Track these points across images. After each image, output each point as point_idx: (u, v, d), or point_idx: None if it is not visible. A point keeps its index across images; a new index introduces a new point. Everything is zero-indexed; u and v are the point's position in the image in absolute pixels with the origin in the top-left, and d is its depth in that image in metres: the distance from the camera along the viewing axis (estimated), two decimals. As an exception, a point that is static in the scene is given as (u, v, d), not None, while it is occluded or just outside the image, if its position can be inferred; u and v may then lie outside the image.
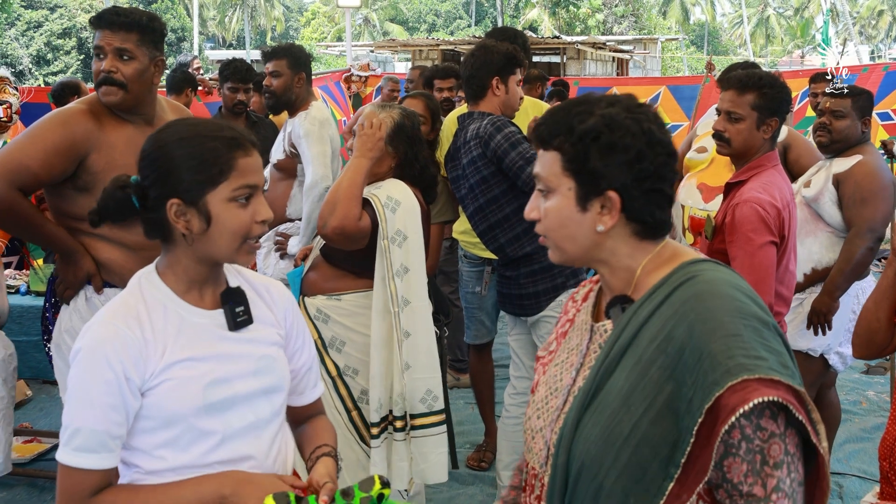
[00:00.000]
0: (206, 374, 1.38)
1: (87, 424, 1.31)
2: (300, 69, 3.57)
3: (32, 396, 4.38)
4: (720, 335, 1.08)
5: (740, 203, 2.37)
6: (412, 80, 5.84)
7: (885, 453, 1.96)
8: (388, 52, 16.62)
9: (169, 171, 1.35)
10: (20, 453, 3.61)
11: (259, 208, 1.39)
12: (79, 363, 1.34)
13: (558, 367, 1.32)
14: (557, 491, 1.18)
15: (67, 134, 2.33)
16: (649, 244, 1.23)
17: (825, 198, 3.03)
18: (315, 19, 42.23)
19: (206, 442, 1.39)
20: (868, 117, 3.06)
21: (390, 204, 2.53)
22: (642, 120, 1.19)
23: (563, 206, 1.21)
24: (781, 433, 1.08)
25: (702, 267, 1.19)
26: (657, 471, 1.08)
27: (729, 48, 45.12)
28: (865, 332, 2.05)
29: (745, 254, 2.32)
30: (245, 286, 1.50)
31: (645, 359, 1.13)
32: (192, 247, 1.38)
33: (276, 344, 1.50)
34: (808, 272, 3.07)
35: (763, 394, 1.04)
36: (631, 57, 16.11)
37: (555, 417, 1.26)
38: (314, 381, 1.64)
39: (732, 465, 1.07)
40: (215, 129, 1.38)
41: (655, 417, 1.09)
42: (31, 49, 29.49)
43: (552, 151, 1.22)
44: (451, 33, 37.61)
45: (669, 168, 1.20)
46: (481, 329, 3.68)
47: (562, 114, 1.22)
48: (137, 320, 1.36)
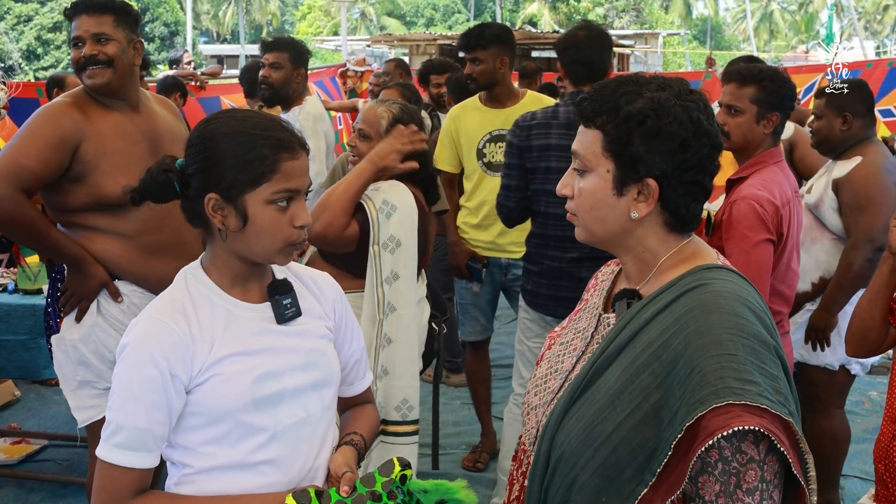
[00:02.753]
0: (255, 368, 1.36)
1: (129, 422, 1.30)
2: (301, 65, 3.55)
3: (21, 397, 4.33)
4: (715, 353, 1.05)
5: (738, 200, 2.33)
6: (388, 72, 5.75)
7: (879, 455, 1.94)
8: (385, 46, 16.56)
9: (212, 164, 1.33)
10: (8, 454, 3.58)
11: (298, 212, 1.36)
12: (125, 359, 1.32)
13: (562, 347, 1.32)
14: (538, 476, 1.18)
15: (56, 128, 2.32)
16: (676, 238, 1.21)
17: (825, 204, 2.94)
18: (311, 13, 42.18)
19: (255, 438, 1.36)
20: (848, 113, 2.91)
21: (385, 209, 2.47)
22: (692, 108, 1.15)
23: (599, 187, 1.18)
24: (760, 460, 1.04)
25: (714, 275, 1.15)
26: (632, 475, 1.06)
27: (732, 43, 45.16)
28: (859, 331, 2.05)
29: (741, 251, 2.28)
30: (292, 278, 1.48)
31: (639, 362, 1.11)
32: (228, 243, 1.37)
33: (324, 337, 1.48)
34: (816, 281, 2.99)
35: (745, 422, 1.00)
36: (632, 52, 16.06)
37: (549, 400, 1.26)
38: (363, 372, 1.64)
39: (706, 483, 1.05)
40: (265, 128, 1.35)
41: (639, 422, 1.07)
42: (22, 43, 29.37)
43: (594, 129, 1.18)
44: (449, 28, 37.52)
45: (712, 161, 1.17)
46: (476, 326, 3.63)
47: (609, 92, 1.17)
48: (184, 315, 1.34)
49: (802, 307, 3.02)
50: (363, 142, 2.57)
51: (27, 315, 3.46)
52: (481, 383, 3.71)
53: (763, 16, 42.66)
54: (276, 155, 1.33)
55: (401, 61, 5.99)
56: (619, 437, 1.08)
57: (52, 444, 3.70)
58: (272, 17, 40.49)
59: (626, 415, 1.08)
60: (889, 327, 2.02)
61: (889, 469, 1.92)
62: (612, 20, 36.69)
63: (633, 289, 1.21)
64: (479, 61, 3.37)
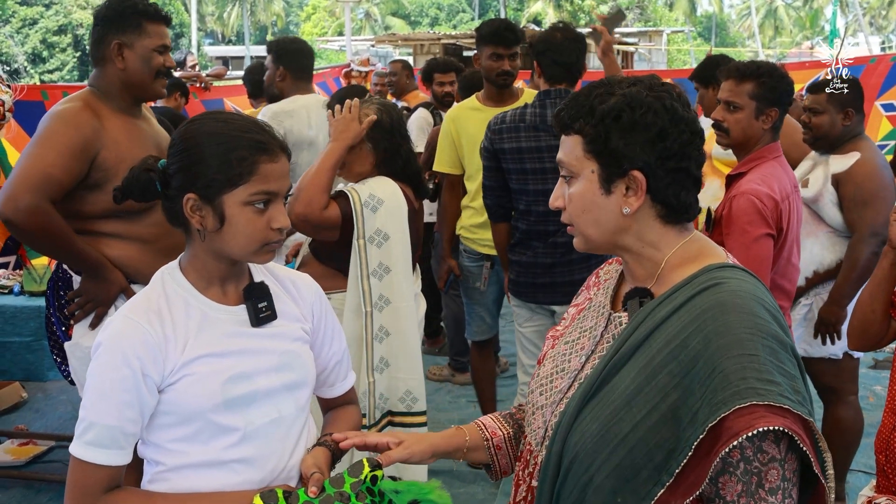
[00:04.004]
0: (226, 369, 1.37)
1: (101, 419, 1.32)
2: (279, 63, 3.55)
3: (28, 399, 4.35)
4: (736, 353, 1.05)
5: (737, 195, 2.34)
6: (395, 72, 5.79)
7: (880, 446, 1.95)
8: (389, 46, 16.57)
9: (192, 164, 1.35)
10: (16, 456, 3.59)
11: (276, 215, 1.37)
12: (98, 357, 1.34)
13: (568, 346, 1.30)
14: (550, 476, 1.17)
15: (78, 134, 2.31)
16: (675, 232, 1.20)
17: (825, 199, 2.95)
18: (315, 14, 42.22)
19: (226, 438, 1.38)
20: (850, 109, 2.94)
21: (371, 203, 2.47)
22: (664, 97, 1.16)
23: (587, 189, 1.18)
24: (781, 458, 1.05)
25: (728, 274, 1.15)
26: (649, 475, 1.06)
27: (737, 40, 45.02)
28: (860, 324, 2.05)
29: (741, 246, 2.29)
30: (270, 280, 1.49)
31: (656, 361, 1.10)
32: (206, 243, 1.38)
33: (300, 339, 1.49)
34: (811, 275, 3.01)
35: (770, 422, 1.01)
36: (636, 49, 16.03)
37: (558, 399, 1.24)
38: (344, 373, 1.64)
39: (728, 483, 1.05)
40: (245, 130, 1.36)
41: (656, 423, 1.07)
42: (27, 47, 29.47)
43: (573, 135, 1.19)
44: (454, 27, 37.53)
45: (695, 147, 1.17)
46: (482, 325, 3.64)
47: (582, 97, 1.19)
48: (158, 316, 1.36)
49: (797, 302, 3.03)
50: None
51: (33, 317, 3.49)
52: (487, 381, 3.71)
53: (768, 12, 42.50)
54: (254, 157, 1.34)
55: (405, 62, 6.07)
56: (635, 437, 1.07)
57: (59, 445, 3.72)
58: (277, 18, 40.56)
59: (643, 415, 1.08)
60: (890, 321, 2.03)
61: (890, 460, 1.92)
62: (617, 18, 36.54)
63: (646, 287, 1.21)
64: (517, 57, 3.41)
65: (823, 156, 3.04)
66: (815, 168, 3.05)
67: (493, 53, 3.37)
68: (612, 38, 3.55)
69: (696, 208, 1.21)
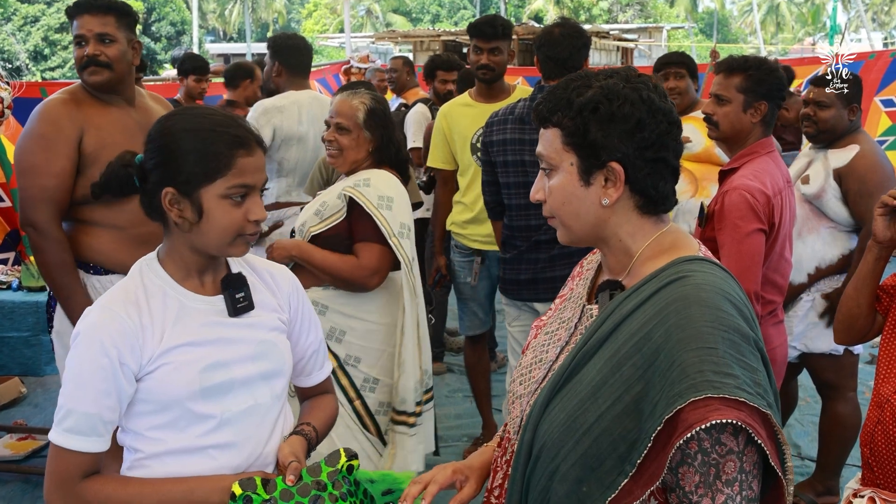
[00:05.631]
0: (203, 358, 1.39)
1: (79, 407, 1.34)
2: (276, 58, 3.56)
3: (27, 393, 4.38)
4: (695, 346, 1.06)
5: (729, 190, 2.35)
6: (395, 69, 5.80)
7: (865, 439, 1.96)
8: (389, 43, 16.57)
9: (169, 159, 1.37)
10: (15, 450, 3.62)
11: (253, 208, 1.40)
12: (76, 346, 1.36)
13: (547, 337, 1.33)
14: (521, 464, 1.20)
15: (55, 126, 2.39)
16: (651, 223, 1.21)
17: (828, 194, 2.96)
18: (317, 11, 42.19)
19: (203, 425, 1.41)
20: (855, 104, 2.98)
21: (384, 203, 2.49)
22: (641, 89, 1.16)
23: (567, 181, 1.19)
24: (739, 451, 1.06)
25: (695, 267, 1.15)
26: (613, 465, 1.08)
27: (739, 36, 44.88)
28: (846, 318, 2.06)
29: (733, 241, 2.30)
30: (248, 272, 1.52)
31: (621, 353, 1.11)
32: (185, 236, 1.40)
33: (276, 329, 1.51)
34: (813, 272, 3.01)
35: (723, 415, 1.02)
36: (635, 46, 16.01)
37: (533, 389, 1.27)
38: (321, 363, 1.67)
39: (686, 474, 1.07)
40: (222, 125, 1.39)
41: (620, 414, 1.08)
42: (29, 44, 29.52)
43: (552, 128, 1.20)
44: (455, 24, 37.47)
45: (672, 137, 1.18)
46: (475, 320, 3.65)
47: (560, 90, 1.21)
48: (136, 306, 1.38)
49: (799, 299, 3.03)
50: (342, 135, 2.56)
51: (30, 312, 3.52)
52: (481, 376, 3.72)
53: (770, 8, 42.36)
54: (231, 151, 1.36)
55: (406, 59, 6.07)
56: (600, 427, 1.09)
57: (57, 439, 3.75)
58: (278, 16, 40.52)
59: (607, 406, 1.09)
60: (876, 314, 2.03)
61: (874, 453, 1.93)
62: (617, 14, 36.55)
63: (617, 280, 1.22)
64: (500, 52, 3.40)
65: (821, 151, 3.05)
66: (813, 164, 3.05)
67: (475, 47, 3.39)
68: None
69: (673, 199, 1.22)
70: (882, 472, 1.92)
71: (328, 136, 2.58)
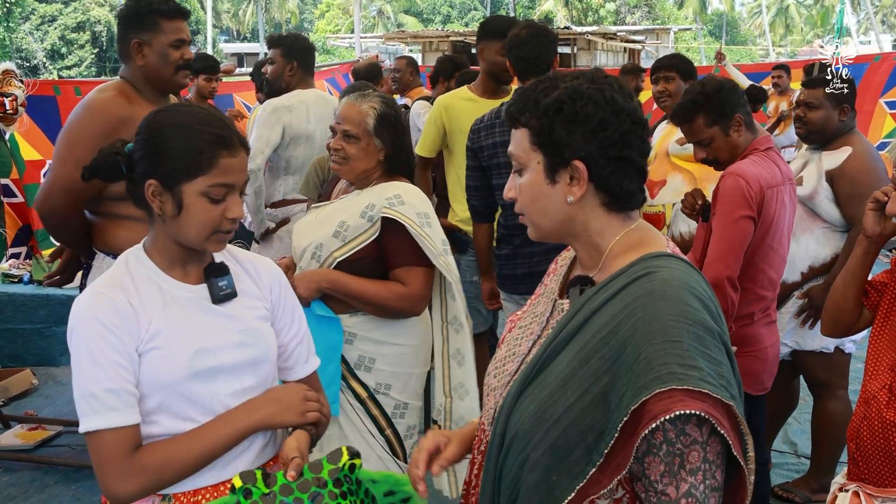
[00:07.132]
0: (192, 344, 1.43)
1: (100, 386, 1.35)
2: (292, 58, 3.62)
3: (38, 385, 4.46)
4: (660, 339, 1.08)
5: (727, 175, 2.41)
6: (399, 69, 5.83)
7: (851, 435, 1.98)
8: (399, 43, 16.63)
9: (154, 152, 1.41)
10: (25, 440, 3.70)
11: (232, 206, 1.44)
12: (76, 335, 1.38)
13: (521, 331, 1.36)
14: (494, 454, 1.22)
15: (105, 120, 2.47)
16: (619, 220, 1.24)
17: (821, 196, 2.97)
18: (329, 11, 42.31)
19: (193, 408, 1.44)
20: (846, 105, 2.98)
21: (424, 221, 2.29)
22: (605, 89, 1.19)
23: (534, 180, 1.23)
24: (703, 441, 1.09)
25: (663, 263, 1.19)
26: (581, 455, 1.10)
27: (748, 38, 44.71)
28: (833, 312, 2.08)
29: (720, 225, 2.36)
30: (230, 261, 1.56)
31: (590, 346, 1.14)
32: (165, 227, 1.45)
33: (261, 317, 1.54)
34: (806, 270, 3.03)
35: (687, 406, 1.04)
36: (642, 47, 16.00)
37: (506, 382, 1.29)
38: (305, 357, 1.66)
39: (651, 464, 1.10)
40: (207, 123, 1.42)
41: (588, 405, 1.11)
42: (46, 43, 29.79)
43: (521, 128, 1.24)
44: (465, 25, 37.51)
45: (636, 136, 1.20)
46: (478, 318, 3.68)
47: (529, 91, 1.24)
48: (124, 291, 1.42)
49: (791, 296, 3.06)
50: (350, 144, 2.32)
51: (42, 305, 3.59)
52: (481, 372, 3.75)
53: (779, 10, 42.17)
54: (215, 150, 1.40)
55: (410, 59, 6.09)
56: (569, 418, 1.11)
57: (66, 430, 3.82)
58: (291, 16, 40.64)
59: (576, 397, 1.12)
60: (862, 309, 2.05)
61: (860, 448, 1.95)
62: (625, 16, 36.47)
63: (587, 276, 1.25)
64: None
65: (815, 152, 3.06)
66: (807, 165, 3.06)
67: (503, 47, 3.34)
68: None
69: (640, 196, 1.25)
70: (867, 467, 1.94)
71: (334, 145, 2.35)
